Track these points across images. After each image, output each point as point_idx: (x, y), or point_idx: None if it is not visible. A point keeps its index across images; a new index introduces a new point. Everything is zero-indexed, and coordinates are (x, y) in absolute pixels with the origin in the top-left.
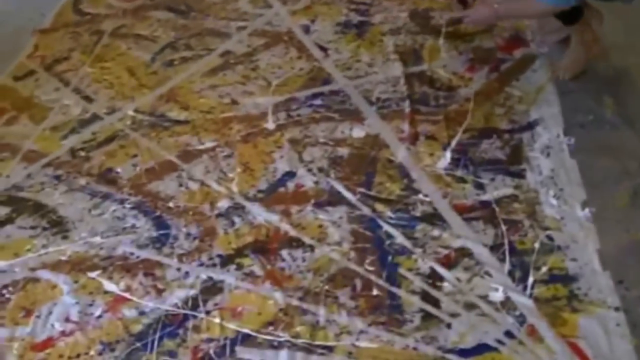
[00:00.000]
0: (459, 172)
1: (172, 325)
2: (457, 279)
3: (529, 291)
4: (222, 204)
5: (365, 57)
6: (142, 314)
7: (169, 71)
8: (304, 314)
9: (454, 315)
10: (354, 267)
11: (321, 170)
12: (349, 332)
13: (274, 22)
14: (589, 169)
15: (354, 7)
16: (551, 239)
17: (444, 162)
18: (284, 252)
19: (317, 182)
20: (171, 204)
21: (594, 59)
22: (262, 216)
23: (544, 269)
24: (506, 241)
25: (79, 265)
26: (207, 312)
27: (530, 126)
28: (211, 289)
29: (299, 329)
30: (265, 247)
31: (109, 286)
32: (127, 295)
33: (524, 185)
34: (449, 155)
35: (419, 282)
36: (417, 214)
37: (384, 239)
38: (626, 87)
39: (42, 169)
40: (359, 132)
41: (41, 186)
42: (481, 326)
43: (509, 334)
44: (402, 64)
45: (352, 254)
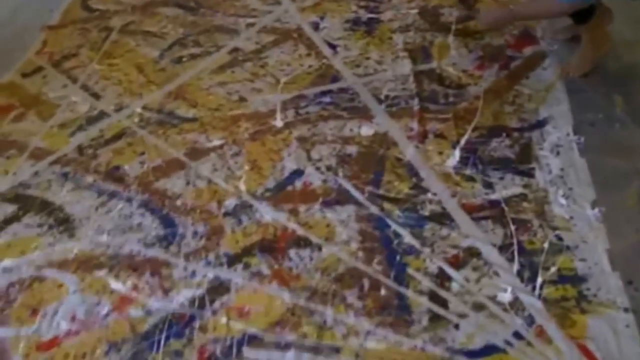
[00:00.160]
0: (467, 171)
1: (178, 325)
2: (466, 279)
3: (537, 292)
4: (230, 203)
5: (374, 55)
6: (149, 313)
7: (177, 68)
8: (311, 314)
9: (462, 315)
10: (361, 266)
11: (329, 168)
12: (356, 333)
13: (283, 19)
14: (599, 168)
15: (363, 4)
16: (560, 238)
17: (452, 160)
18: (292, 252)
19: (325, 181)
20: (178, 202)
21: (603, 57)
22: (269, 215)
23: (553, 269)
24: (515, 241)
25: (86, 263)
26: (214, 312)
27: (539, 124)
28: (218, 289)
29: (306, 329)
30: (272, 246)
31: (116, 285)
32: (133, 294)
33: (533, 184)
34: (458, 153)
35: (427, 282)
36: (426, 213)
37: (392, 238)
38: (636, 85)
39: (49, 166)
40: (367, 130)
41: (48, 184)
42: (489, 327)
43: (517, 335)
44: (411, 61)
45: (360, 254)
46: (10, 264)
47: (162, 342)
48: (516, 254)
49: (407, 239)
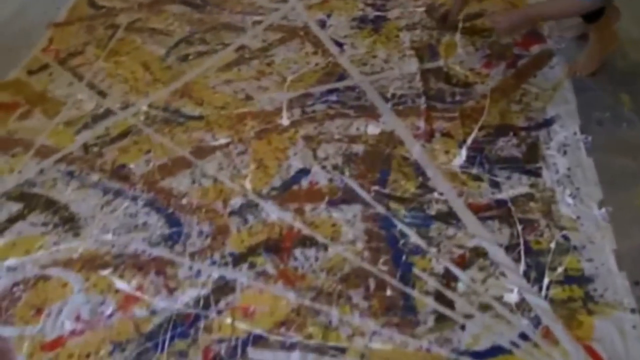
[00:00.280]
0: (474, 170)
1: (183, 325)
2: (472, 280)
3: (544, 292)
4: (236, 202)
5: (381, 53)
6: (153, 313)
7: (183, 66)
8: (317, 315)
9: (468, 316)
10: (367, 266)
11: (336, 167)
12: (362, 334)
13: (290, 17)
14: (606, 167)
15: (370, 1)
16: (567, 238)
17: (459, 159)
18: (297, 251)
19: (331, 180)
20: (184, 201)
21: (611, 56)
22: (275, 214)
23: (560, 270)
24: (521, 241)
25: (90, 263)
26: (219, 312)
27: (546, 123)
28: (223, 288)
29: (311, 329)
30: (278, 245)
31: (120, 285)
32: (138, 294)
33: (540, 183)
34: (464, 152)
35: (433, 283)
36: (432, 213)
37: (398, 238)
38: None
39: (55, 164)
40: (374, 129)
41: (53, 182)
42: (495, 328)
43: (523, 336)
44: (418, 59)
45: (366, 254)
46: (14, 263)
47: (167, 342)
48: (523, 254)
49: (413, 238)
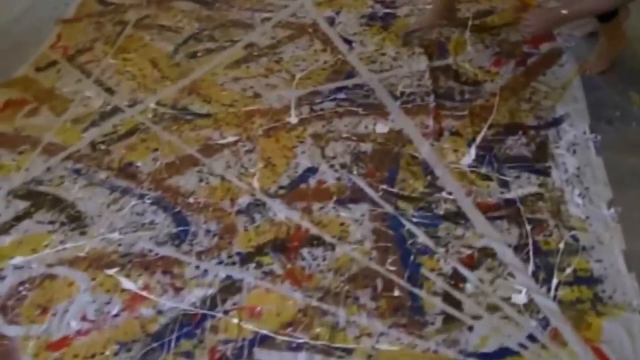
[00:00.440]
0: (483, 169)
1: (189, 325)
2: (480, 280)
3: (552, 293)
4: (243, 200)
5: (390, 51)
6: (160, 313)
7: (191, 63)
8: (324, 315)
9: (476, 317)
10: (375, 266)
11: (344, 166)
12: (369, 334)
13: (299, 14)
14: (616, 167)
15: None
16: (576, 239)
17: (468, 158)
18: (305, 251)
19: (339, 179)
20: (191, 200)
21: (620, 54)
22: (282, 213)
23: (569, 271)
24: (530, 241)
25: (97, 262)
26: (226, 312)
27: (556, 122)
28: (230, 288)
29: (318, 330)
30: (285, 245)
31: (127, 284)
32: (144, 293)
33: (549, 183)
34: (473, 151)
35: (441, 283)
36: (440, 212)
37: (406, 237)
38: None
39: (62, 162)
40: (382, 127)
41: (60, 180)
42: (504, 329)
43: (531, 338)
44: (427, 57)
45: (374, 253)
46: (21, 262)
47: (173, 342)
48: (531, 254)
49: (422, 238)
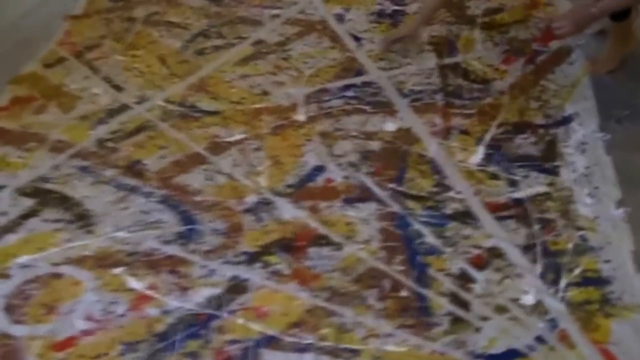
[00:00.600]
0: (492, 168)
1: (195, 325)
2: (488, 281)
3: (561, 294)
4: (250, 199)
5: (399, 48)
6: (166, 313)
7: (200, 60)
8: (331, 316)
9: (484, 318)
10: (382, 266)
11: (351, 165)
12: (376, 335)
13: (308, 11)
14: (625, 166)
15: None
16: (585, 239)
17: (476, 157)
18: (311, 250)
19: (347, 177)
20: (198, 198)
21: (630, 53)
22: (290, 212)
23: (577, 271)
24: (539, 241)
25: (103, 261)
26: (232, 312)
27: (565, 121)
28: (236, 288)
29: (325, 331)
30: (292, 244)
31: (133, 283)
32: (150, 293)
33: (557, 182)
34: (482, 150)
35: (448, 284)
36: (448, 212)
37: (413, 237)
38: None
39: (69, 159)
40: (391, 126)
41: (67, 178)
42: (512, 331)
43: (539, 339)
44: (436, 55)
45: (381, 253)
46: (26, 261)
47: (179, 343)
48: (540, 254)
49: (429, 238)
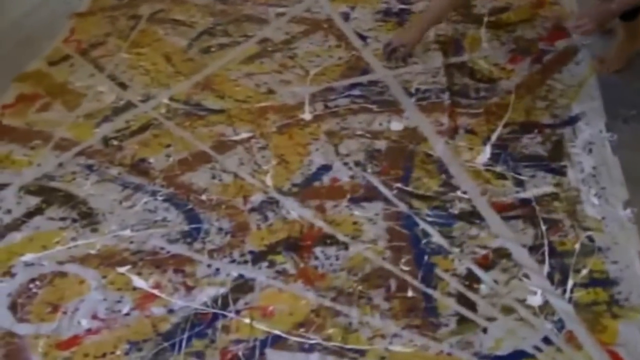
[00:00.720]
0: (498, 168)
1: (201, 324)
2: (495, 281)
3: (568, 295)
4: (256, 198)
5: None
6: (171, 312)
7: (205, 58)
8: (337, 316)
9: (491, 319)
10: (388, 266)
11: (358, 164)
12: (382, 336)
13: (313, 9)
14: (632, 166)
15: None
16: (592, 240)
17: (483, 157)
18: (318, 250)
19: (353, 177)
20: (204, 197)
21: (637, 52)
22: (296, 211)
23: (584, 272)
24: (546, 242)
25: (108, 259)
26: (237, 312)
27: (572, 121)
28: (242, 287)
29: (331, 331)
30: (298, 244)
31: (138, 282)
32: (156, 292)
33: (564, 182)
34: (488, 150)
35: (455, 284)
36: (455, 212)
37: (420, 237)
38: None
39: (74, 157)
40: (397, 125)
41: (72, 176)
42: (518, 331)
43: (546, 340)
44: (442, 54)
45: (388, 253)
46: (31, 259)
47: (184, 342)
48: (547, 255)
49: (436, 238)
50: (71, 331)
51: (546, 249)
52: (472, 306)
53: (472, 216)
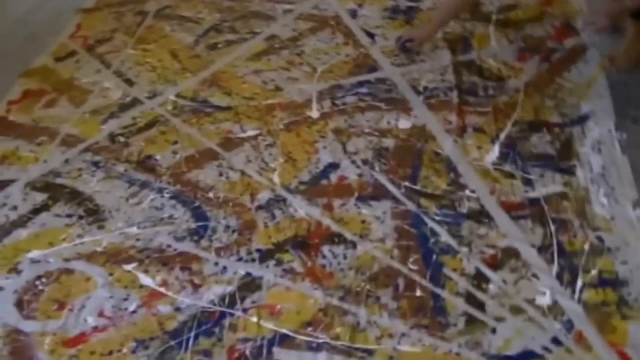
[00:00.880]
0: (507, 167)
1: (208, 323)
2: (504, 281)
3: (577, 295)
4: (263, 196)
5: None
6: (178, 310)
7: (212, 55)
8: (345, 315)
9: (500, 319)
10: (397, 266)
11: (366, 162)
12: (391, 335)
13: (321, 6)
14: None
15: None
16: (601, 240)
17: (492, 156)
18: (325, 249)
19: (361, 175)
20: (211, 195)
21: None
22: (303, 210)
23: (594, 272)
24: (555, 242)
25: (115, 257)
26: (245, 310)
27: (581, 120)
28: (249, 286)
29: (339, 330)
30: (306, 242)
31: (145, 280)
32: (162, 290)
33: (574, 182)
34: (497, 149)
35: (464, 284)
36: (464, 211)
37: (428, 236)
38: None
39: (81, 154)
40: (405, 123)
41: (79, 173)
42: (527, 332)
43: (556, 341)
44: (451, 52)
45: (396, 252)
46: (38, 256)
47: (191, 340)
48: (556, 255)
49: (444, 237)
50: (78, 329)
51: (555, 249)
52: (481, 306)
53: (480, 215)
